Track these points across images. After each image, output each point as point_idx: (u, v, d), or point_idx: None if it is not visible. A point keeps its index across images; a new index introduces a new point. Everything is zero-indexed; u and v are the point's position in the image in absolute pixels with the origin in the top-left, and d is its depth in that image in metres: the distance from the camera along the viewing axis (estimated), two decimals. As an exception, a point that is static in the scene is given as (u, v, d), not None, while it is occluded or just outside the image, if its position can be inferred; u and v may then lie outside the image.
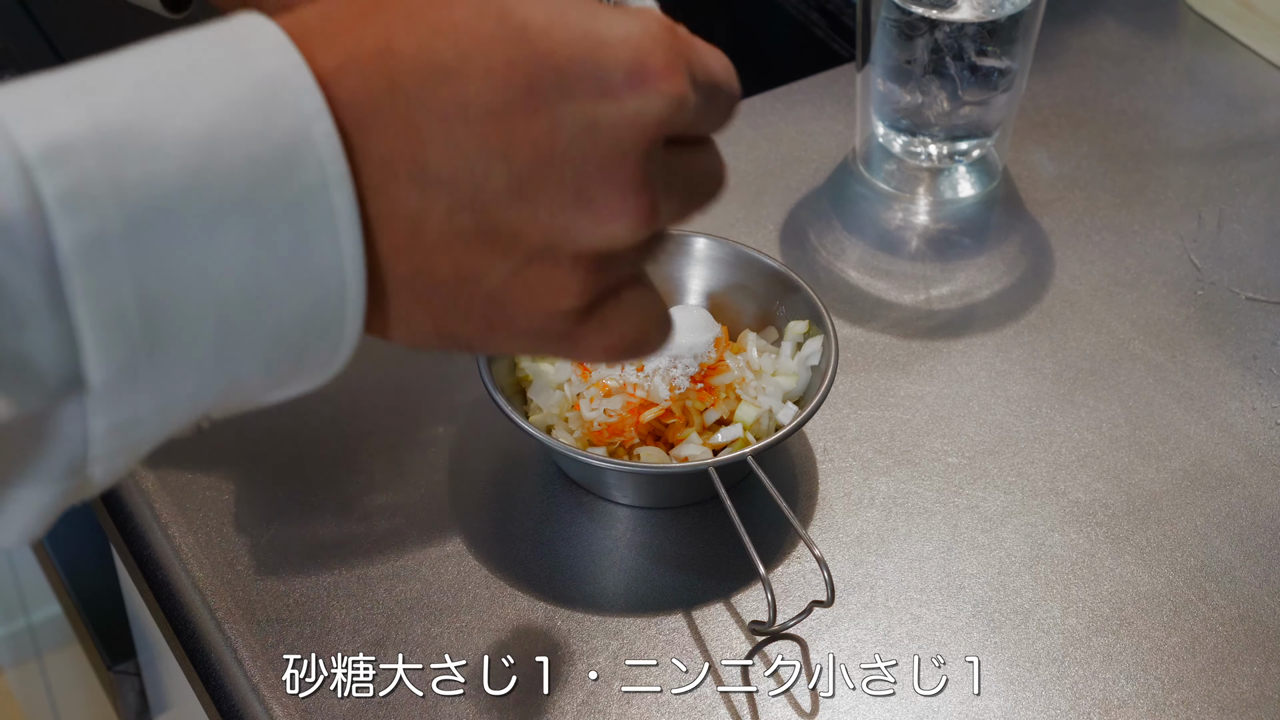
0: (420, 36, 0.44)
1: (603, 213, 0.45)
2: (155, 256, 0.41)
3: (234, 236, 0.41)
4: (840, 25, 1.02)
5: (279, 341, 0.44)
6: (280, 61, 0.43)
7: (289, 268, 0.42)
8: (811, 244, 0.88)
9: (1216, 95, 0.98)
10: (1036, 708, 0.67)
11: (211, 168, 0.41)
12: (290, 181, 0.42)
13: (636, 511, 0.74)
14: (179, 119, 0.41)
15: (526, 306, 0.47)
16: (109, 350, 0.41)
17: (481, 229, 0.45)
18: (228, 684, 0.68)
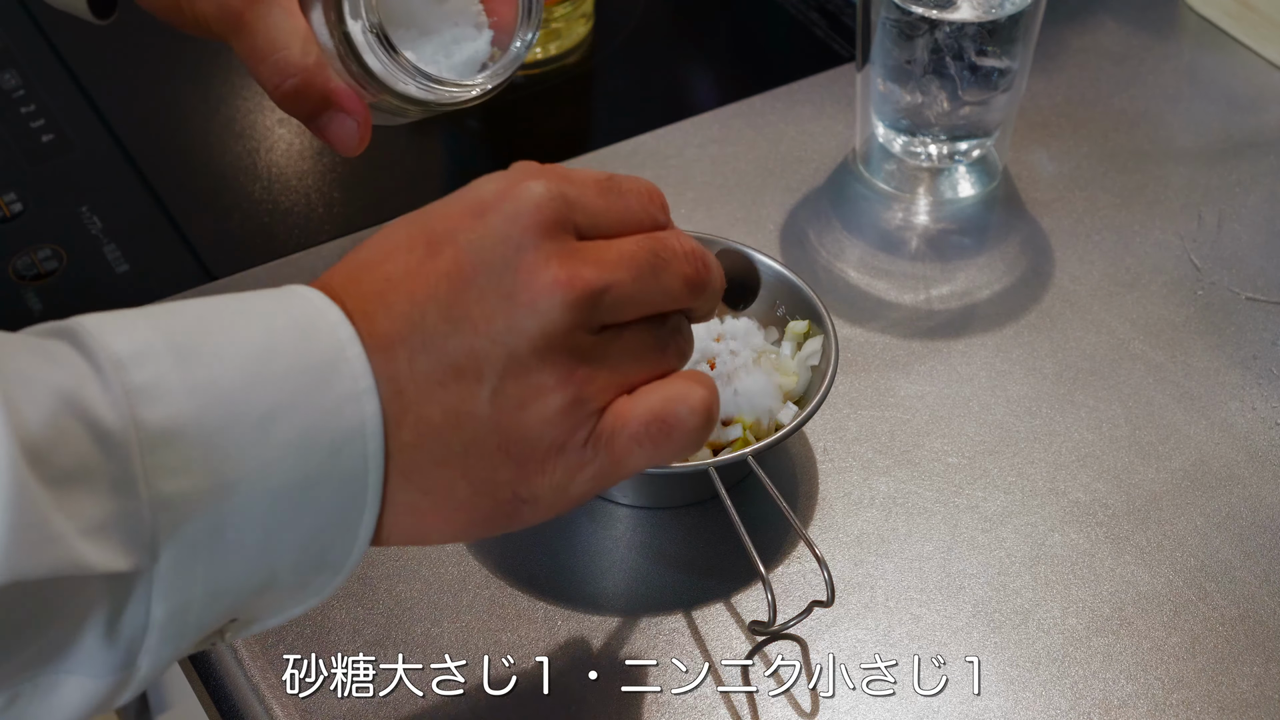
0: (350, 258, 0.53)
1: (530, 299, 0.51)
2: (220, 445, 0.47)
3: (285, 434, 0.48)
4: (840, 25, 1.02)
5: (313, 536, 0.50)
6: (317, 300, 0.51)
7: (327, 465, 0.49)
8: (811, 244, 0.88)
9: (1216, 95, 0.98)
10: (1036, 708, 0.67)
11: (265, 375, 0.48)
12: (329, 390, 0.49)
13: (636, 511, 0.74)
14: (237, 337, 0.49)
15: (527, 421, 0.52)
16: (179, 524, 0.47)
17: (444, 364, 0.51)
18: (228, 684, 0.68)
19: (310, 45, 0.68)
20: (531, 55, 1.00)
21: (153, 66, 1.00)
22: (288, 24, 0.68)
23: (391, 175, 0.93)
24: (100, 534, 0.45)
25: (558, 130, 0.98)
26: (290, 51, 0.68)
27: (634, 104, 0.99)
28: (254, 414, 0.48)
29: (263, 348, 0.49)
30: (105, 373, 0.46)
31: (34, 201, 0.89)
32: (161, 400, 0.47)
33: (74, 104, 0.96)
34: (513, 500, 0.53)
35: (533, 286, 0.51)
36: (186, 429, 0.47)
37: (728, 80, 1.00)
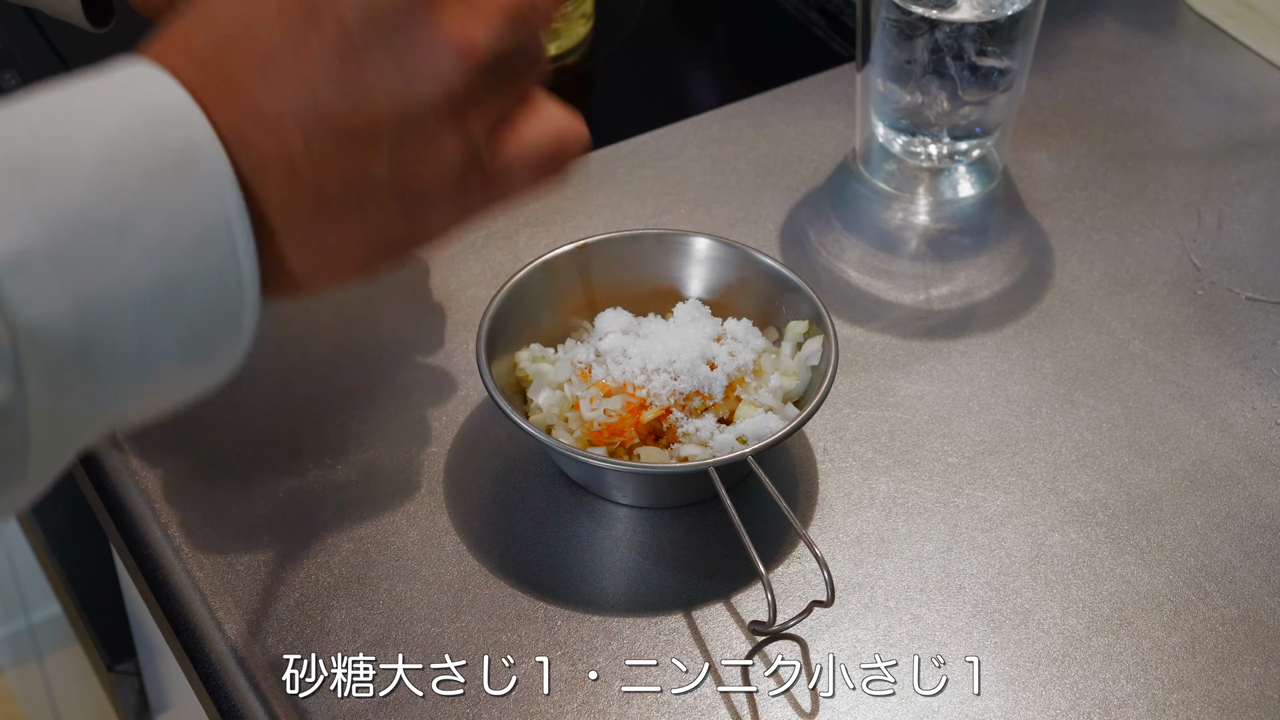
0: (208, 22, 0.50)
1: (425, 60, 0.50)
2: (77, 262, 0.45)
3: (144, 239, 0.46)
4: (840, 25, 1.02)
5: (191, 332, 0.48)
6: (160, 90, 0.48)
7: (194, 262, 0.47)
8: (811, 244, 0.88)
9: (1216, 95, 0.98)
10: (1036, 708, 0.67)
11: (114, 181, 0.46)
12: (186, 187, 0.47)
13: (636, 511, 0.74)
14: (78, 144, 0.46)
15: (426, 177, 0.51)
16: (45, 348, 0.45)
17: (340, 135, 0.49)
18: (228, 684, 0.68)
19: None
20: (531, 55, 1.00)
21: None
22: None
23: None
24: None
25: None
26: None
27: (634, 104, 0.99)
28: (107, 225, 0.46)
29: (109, 151, 0.46)
30: None
31: (34, 201, 0.89)
32: (6, 227, 0.44)
33: (74, 104, 0.96)
34: (405, 243, 0.53)
35: (429, 50, 0.50)
36: (36, 252, 0.44)
37: (728, 80, 1.00)
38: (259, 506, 0.74)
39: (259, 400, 0.78)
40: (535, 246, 0.86)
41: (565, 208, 0.89)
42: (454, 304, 0.83)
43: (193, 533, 0.73)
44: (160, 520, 0.73)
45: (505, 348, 0.75)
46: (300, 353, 0.81)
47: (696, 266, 0.79)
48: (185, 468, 0.75)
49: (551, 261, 0.77)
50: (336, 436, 0.77)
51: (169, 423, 0.77)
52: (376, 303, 0.83)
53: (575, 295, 0.78)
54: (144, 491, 0.74)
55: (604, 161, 0.92)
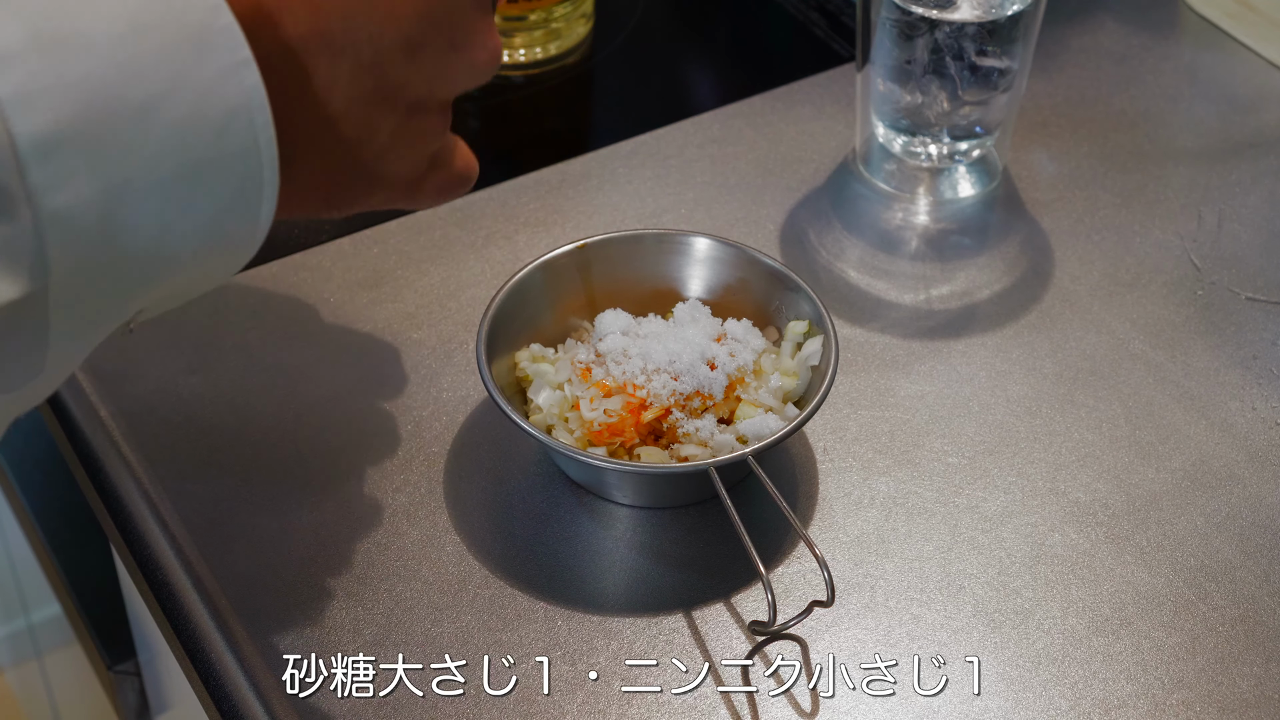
0: None
1: (474, 57, 0.54)
2: (105, 145, 0.44)
3: (166, 122, 0.45)
4: (840, 25, 1.02)
5: (210, 220, 0.48)
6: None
7: (215, 148, 0.47)
8: (811, 244, 0.88)
9: (1216, 95, 0.98)
10: (1036, 708, 0.67)
11: (138, 59, 0.45)
12: (205, 68, 0.46)
13: (636, 511, 0.74)
14: (101, 19, 0.44)
15: (404, 155, 0.54)
16: (69, 238, 0.44)
17: (378, 87, 0.52)
18: (228, 684, 0.68)
19: None
20: (531, 55, 1.00)
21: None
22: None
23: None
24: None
25: (558, 130, 0.98)
26: None
27: (634, 104, 0.99)
28: (133, 104, 0.44)
29: (132, 24, 0.45)
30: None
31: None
32: (38, 108, 0.43)
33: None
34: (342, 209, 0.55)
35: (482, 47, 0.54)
36: (66, 135, 0.43)
37: (728, 80, 1.00)
38: (259, 506, 0.74)
39: (259, 400, 0.78)
40: (535, 246, 0.86)
41: (565, 208, 0.89)
42: (454, 304, 0.83)
43: (192, 532, 0.73)
44: (160, 520, 0.73)
45: (505, 348, 0.75)
46: (300, 353, 0.81)
47: (696, 266, 0.79)
48: (185, 468, 0.75)
49: (551, 261, 0.77)
50: (336, 436, 0.77)
51: (169, 423, 0.77)
52: (376, 303, 0.83)
53: (575, 295, 0.78)
54: (144, 491, 0.74)
55: (604, 161, 0.92)
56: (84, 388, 0.78)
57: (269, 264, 0.85)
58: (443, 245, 0.86)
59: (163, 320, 0.81)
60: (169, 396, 0.78)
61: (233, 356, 0.80)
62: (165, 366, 0.80)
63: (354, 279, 0.84)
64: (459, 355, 0.80)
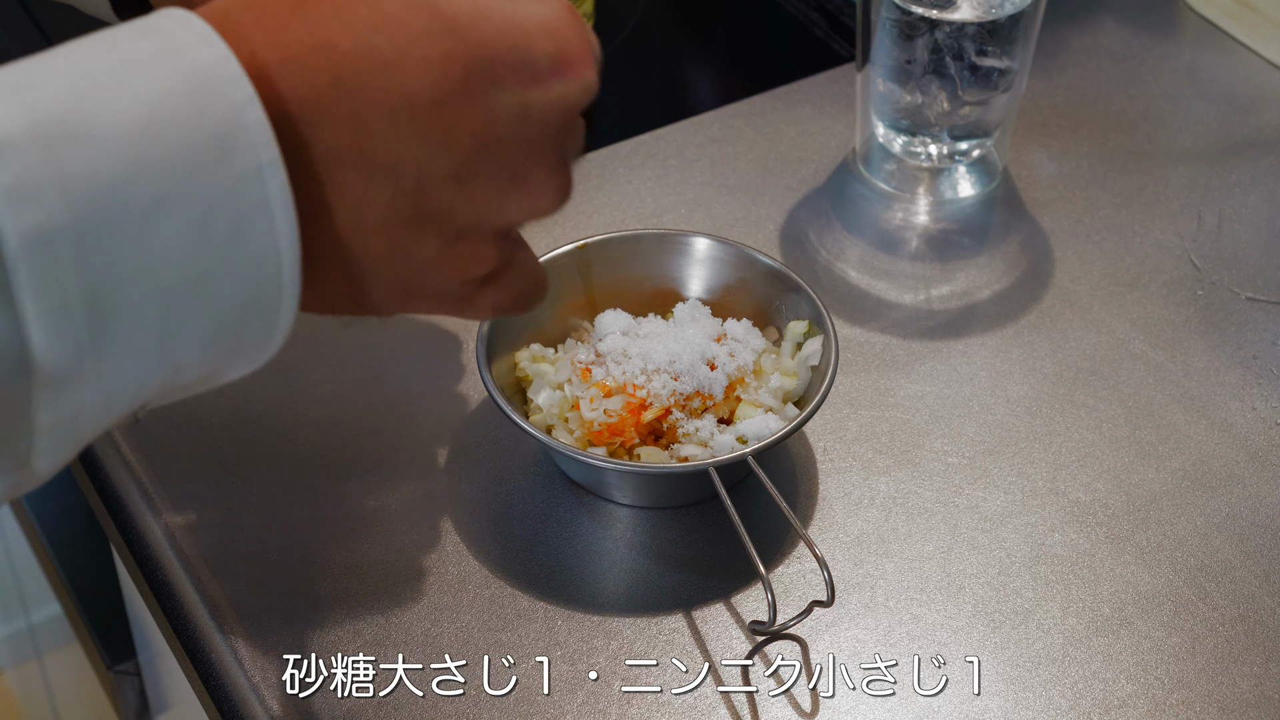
0: (358, 32, 0.46)
1: (535, 191, 0.50)
2: (99, 248, 0.41)
3: (174, 225, 0.42)
4: (840, 25, 1.02)
5: (218, 328, 0.45)
6: (208, 54, 0.44)
7: (227, 254, 0.44)
8: (811, 244, 0.88)
9: (1216, 95, 0.98)
10: (1036, 708, 0.67)
11: (148, 158, 0.42)
12: (225, 168, 0.43)
13: (636, 511, 0.74)
14: (114, 112, 0.42)
15: (448, 276, 0.51)
16: (56, 341, 0.42)
17: (420, 212, 0.48)
18: (228, 684, 0.68)
19: None
20: (531, 55, 1.00)
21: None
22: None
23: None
24: None
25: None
26: None
27: (634, 104, 0.99)
28: (138, 205, 0.42)
29: (148, 118, 0.42)
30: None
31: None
32: (29, 204, 0.40)
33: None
34: (372, 311, 0.52)
35: (545, 182, 0.50)
36: (59, 235, 0.41)
37: (728, 80, 1.00)
38: (259, 507, 0.74)
39: (259, 401, 0.78)
40: (535, 246, 0.85)
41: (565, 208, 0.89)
42: (454, 304, 0.83)
43: (193, 533, 0.73)
44: (160, 520, 0.73)
45: (505, 348, 0.75)
46: (299, 354, 0.80)
47: (696, 266, 0.79)
48: (185, 468, 0.75)
49: (551, 261, 0.77)
50: (336, 437, 0.77)
51: (169, 423, 0.77)
52: (376, 303, 0.83)
53: (575, 295, 0.78)
54: (144, 491, 0.74)
55: (604, 161, 0.92)
56: (84, 388, 0.78)
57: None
58: (443, 245, 0.86)
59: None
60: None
61: (233, 356, 0.80)
62: (165, 366, 0.80)
63: (354, 279, 0.84)
64: (459, 355, 0.80)
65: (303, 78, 0.45)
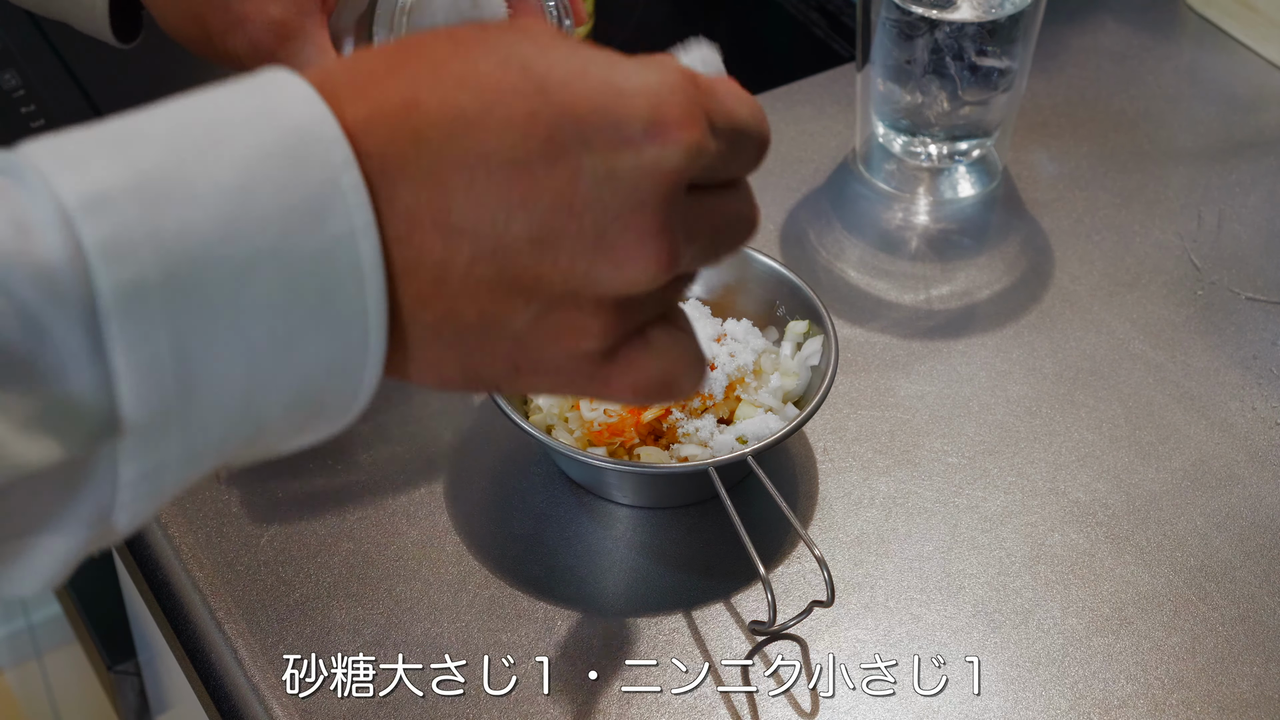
0: (445, 89, 0.45)
1: (622, 259, 0.46)
2: (191, 304, 0.42)
3: (266, 284, 0.42)
4: (840, 25, 1.02)
5: (303, 388, 0.45)
6: (308, 113, 0.44)
7: (317, 315, 0.44)
8: (811, 244, 0.88)
9: (1216, 95, 0.98)
10: (1036, 708, 0.67)
11: (244, 217, 0.42)
12: (319, 230, 0.43)
13: (636, 511, 0.74)
14: (213, 170, 0.42)
15: (551, 348, 0.48)
16: (144, 396, 0.42)
17: (504, 276, 0.46)
18: (228, 684, 0.68)
19: None
20: (531, 55, 1.00)
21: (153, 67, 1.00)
22: (320, 60, 0.67)
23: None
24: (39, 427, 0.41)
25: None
26: None
27: (634, 104, 0.99)
28: (230, 266, 0.42)
29: (246, 177, 0.42)
30: (54, 225, 0.40)
31: (34, 201, 0.89)
32: (125, 259, 0.41)
33: (74, 104, 0.96)
34: (491, 388, 0.50)
35: (633, 250, 0.47)
36: (152, 292, 0.41)
37: (728, 80, 1.00)
38: (259, 506, 0.74)
39: (259, 400, 0.78)
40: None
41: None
42: (454, 304, 0.83)
43: (193, 533, 0.73)
44: (160, 521, 0.73)
45: (505, 348, 0.75)
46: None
47: (696, 266, 0.79)
48: (185, 468, 0.75)
49: (551, 261, 0.77)
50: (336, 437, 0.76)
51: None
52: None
53: (575, 295, 0.78)
54: (144, 491, 0.74)
55: (604, 161, 0.92)
56: (84, 388, 0.78)
57: (269, 264, 0.85)
58: (443, 245, 0.86)
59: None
60: (169, 396, 0.78)
61: (233, 356, 0.80)
62: (165, 366, 0.80)
63: (354, 279, 0.84)
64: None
65: (387, 135, 0.45)
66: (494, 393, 0.51)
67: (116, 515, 0.44)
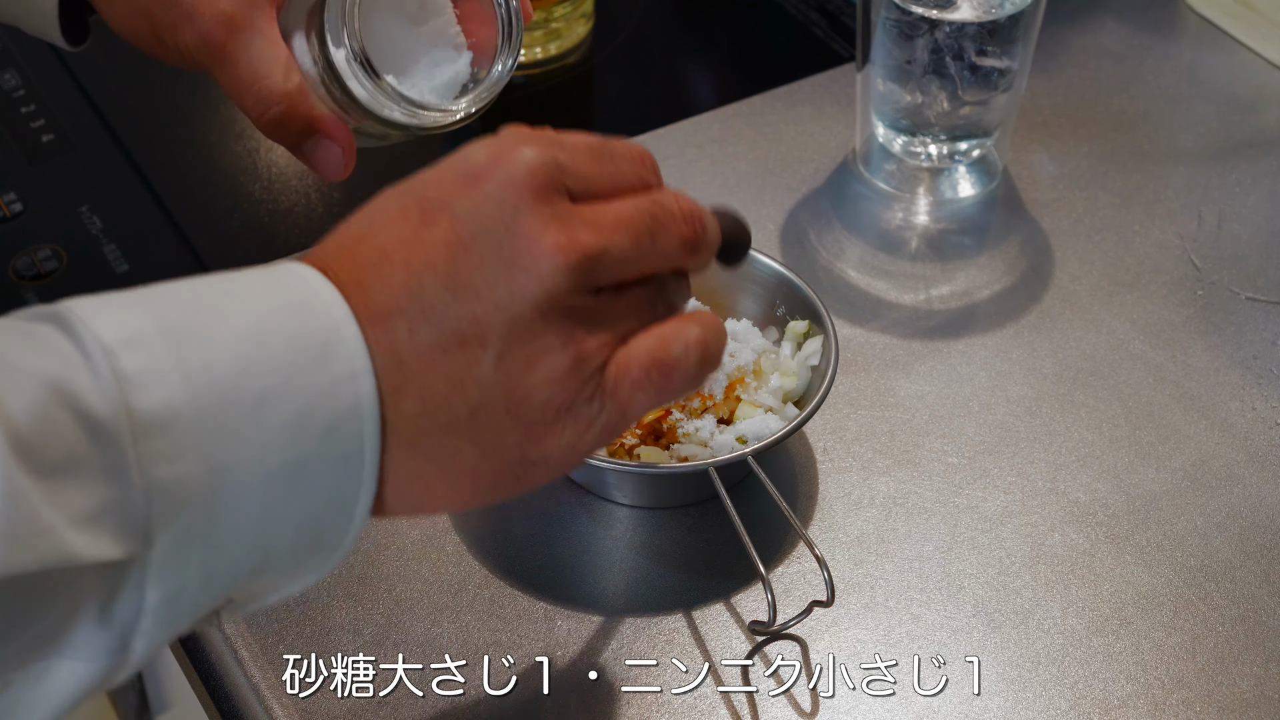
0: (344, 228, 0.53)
1: (530, 263, 0.51)
2: (214, 431, 0.47)
3: (279, 417, 0.48)
4: (840, 25, 1.02)
5: (307, 518, 0.50)
6: (310, 278, 0.51)
7: (322, 446, 0.49)
8: (811, 244, 0.88)
9: (1216, 95, 0.98)
10: (1036, 708, 0.67)
11: (258, 358, 0.48)
12: (324, 371, 0.49)
13: (636, 511, 0.74)
14: (229, 319, 0.49)
15: (533, 382, 0.51)
16: (173, 511, 0.47)
17: (445, 331, 0.51)
18: (228, 684, 0.68)
19: (293, 73, 0.68)
20: (531, 55, 1.00)
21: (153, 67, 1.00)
22: (270, 53, 0.68)
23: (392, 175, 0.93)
24: (92, 524, 0.45)
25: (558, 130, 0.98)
26: (272, 80, 0.68)
27: (634, 104, 0.99)
28: (248, 398, 0.48)
29: (256, 329, 0.49)
30: (95, 360, 0.46)
31: (34, 201, 0.89)
32: (154, 387, 0.47)
33: (74, 104, 0.96)
34: (521, 462, 0.52)
35: (533, 251, 0.51)
36: (180, 415, 0.47)
37: (728, 80, 1.00)
38: (259, 506, 0.74)
39: (259, 400, 0.78)
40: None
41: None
42: (454, 304, 0.83)
43: (193, 533, 0.72)
44: (160, 520, 0.73)
45: (505, 348, 0.75)
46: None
47: (696, 266, 0.79)
48: (185, 468, 0.75)
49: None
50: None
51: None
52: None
53: (575, 295, 0.78)
54: (144, 491, 0.74)
55: (604, 161, 0.92)
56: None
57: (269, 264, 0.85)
58: (443, 245, 0.86)
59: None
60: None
61: (233, 356, 0.80)
62: (165, 366, 0.80)
63: (354, 279, 0.84)
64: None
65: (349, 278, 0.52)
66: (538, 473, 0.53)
67: (136, 642, 0.48)
